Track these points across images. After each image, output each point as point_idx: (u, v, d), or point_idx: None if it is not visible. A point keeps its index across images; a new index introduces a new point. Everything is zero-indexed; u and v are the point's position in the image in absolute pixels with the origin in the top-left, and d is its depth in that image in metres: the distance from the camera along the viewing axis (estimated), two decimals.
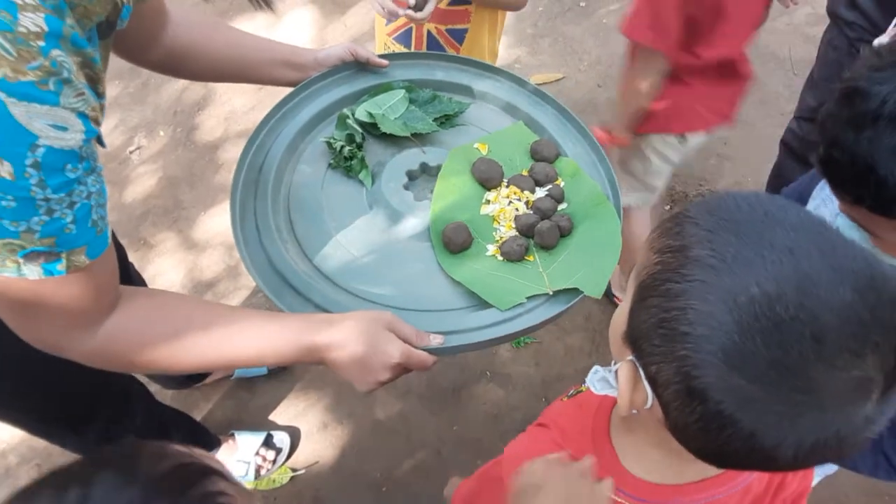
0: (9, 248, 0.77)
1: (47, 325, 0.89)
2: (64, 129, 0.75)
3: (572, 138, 1.55)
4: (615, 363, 0.79)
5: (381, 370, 1.08)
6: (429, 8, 1.76)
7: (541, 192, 1.42)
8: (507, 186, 1.42)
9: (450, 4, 1.93)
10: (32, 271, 0.80)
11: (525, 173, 1.44)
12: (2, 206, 0.73)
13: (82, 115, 0.78)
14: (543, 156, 1.46)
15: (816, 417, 0.61)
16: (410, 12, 1.77)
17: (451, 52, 2.10)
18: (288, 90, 1.50)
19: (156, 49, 1.29)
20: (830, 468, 1.43)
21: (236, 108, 3.16)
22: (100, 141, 0.87)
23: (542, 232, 1.31)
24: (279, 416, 2.29)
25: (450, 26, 1.95)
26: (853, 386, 0.60)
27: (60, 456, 2.07)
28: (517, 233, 1.35)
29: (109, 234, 0.90)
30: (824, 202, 1.16)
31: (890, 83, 0.82)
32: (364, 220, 1.37)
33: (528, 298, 1.25)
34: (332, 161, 1.43)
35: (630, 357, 0.74)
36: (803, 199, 1.23)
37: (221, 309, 1.07)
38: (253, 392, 2.32)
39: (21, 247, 0.77)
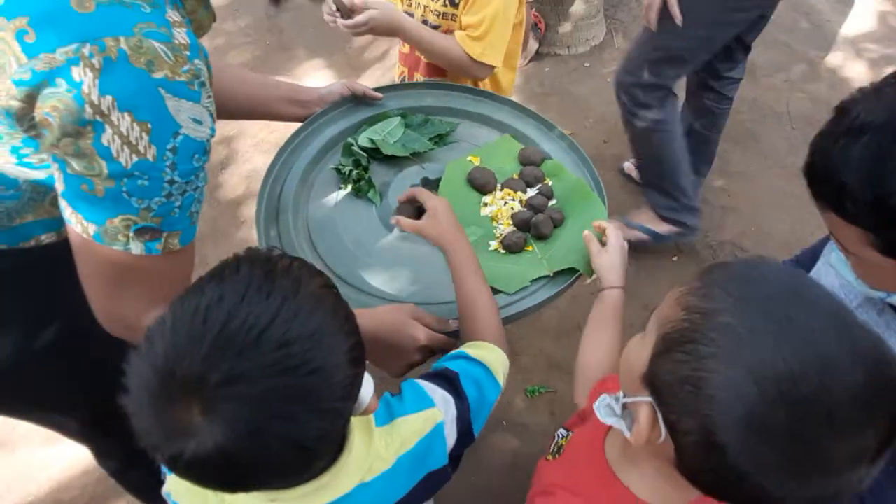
0: (125, 224, 0.90)
1: (132, 300, 1.00)
2: (200, 122, 0.91)
3: (554, 144, 1.69)
4: (623, 394, 0.85)
5: (412, 352, 1.21)
6: (359, 19, 1.70)
7: (532, 192, 1.55)
8: (502, 189, 1.55)
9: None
10: (137, 247, 0.93)
11: (516, 177, 1.58)
12: (137, 184, 0.88)
13: (210, 115, 0.93)
14: (531, 160, 1.60)
15: (822, 480, 0.68)
16: (340, 20, 1.74)
17: None
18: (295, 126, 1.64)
19: None
20: None
21: (257, 166, 3.22)
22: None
23: (538, 224, 1.45)
24: None
25: (432, 79, 2.02)
26: (852, 454, 0.67)
27: None
28: (515, 228, 1.48)
29: (196, 229, 1.03)
30: (830, 245, 1.23)
31: (863, 103, 0.91)
32: (378, 232, 1.49)
33: (532, 282, 1.38)
34: (342, 184, 1.57)
35: (649, 399, 0.78)
36: (815, 256, 1.30)
37: None
38: None
39: (135, 222, 0.91)
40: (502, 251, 1.44)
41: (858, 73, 3.79)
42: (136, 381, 0.71)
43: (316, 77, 3.77)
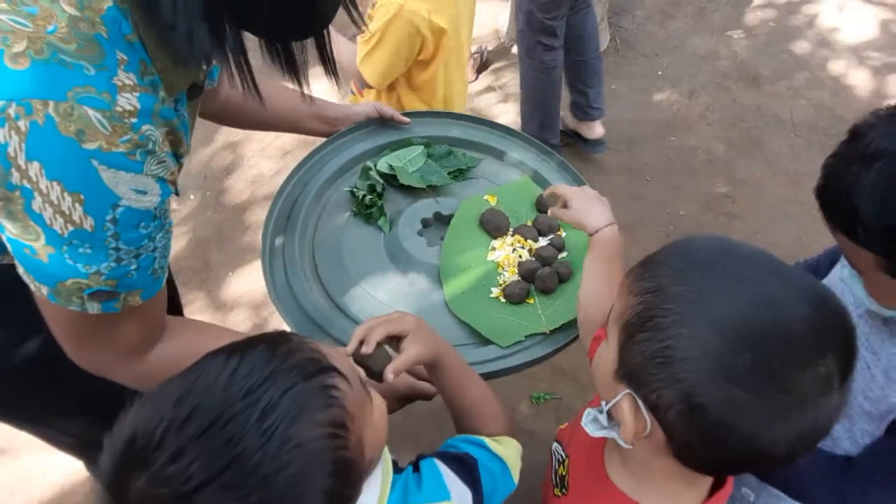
0: (76, 287, 0.85)
1: (101, 353, 0.97)
2: (143, 192, 0.84)
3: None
4: (605, 403, 0.84)
5: (390, 401, 1.13)
6: None
7: (543, 241, 1.48)
8: (513, 235, 1.48)
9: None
10: (93, 307, 0.88)
11: (529, 223, 1.50)
12: (79, 252, 0.82)
13: (161, 181, 0.87)
14: (547, 208, 1.50)
15: (799, 412, 0.70)
16: None
17: None
18: (319, 143, 1.60)
19: (214, 101, 1.40)
20: None
21: (263, 171, 3.19)
22: (176, 192, 0.95)
23: (543, 277, 1.38)
24: None
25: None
26: (821, 382, 0.70)
27: None
28: (520, 277, 1.41)
29: (164, 279, 0.98)
30: (842, 261, 1.21)
31: (879, 129, 0.90)
32: (381, 262, 1.44)
33: (527, 337, 1.32)
34: (354, 208, 1.51)
35: (626, 391, 0.78)
36: (833, 261, 1.29)
37: None
38: None
39: (87, 286, 0.85)
40: (503, 300, 1.38)
41: (860, 81, 3.76)
42: (109, 441, 0.68)
43: (320, 81, 3.72)
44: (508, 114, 3.56)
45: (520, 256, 1.45)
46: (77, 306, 0.87)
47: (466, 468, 1.00)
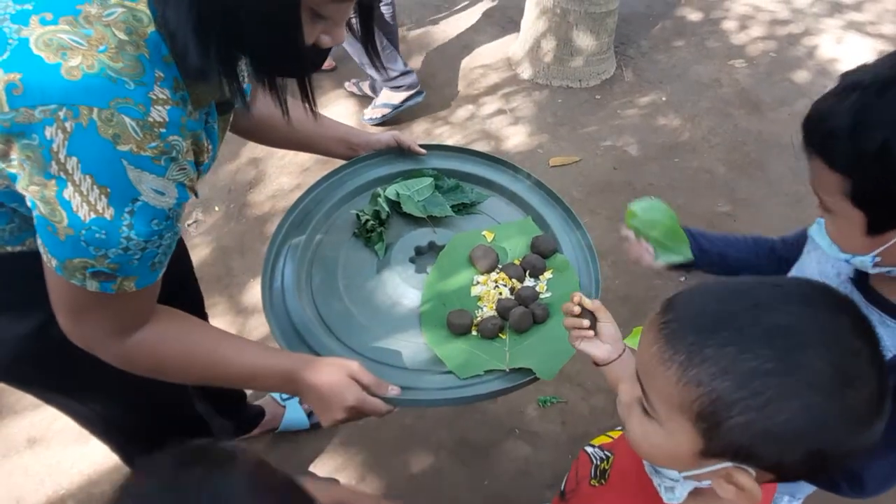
0: (82, 265, 0.92)
1: (88, 327, 1.03)
2: (162, 193, 0.91)
3: (572, 238, 1.52)
4: (680, 474, 0.83)
5: (338, 410, 1.17)
6: None
7: (529, 282, 1.41)
8: (498, 272, 1.42)
9: None
10: (92, 285, 0.94)
11: (517, 262, 1.43)
12: (95, 236, 0.89)
13: (180, 185, 0.93)
14: (541, 249, 1.45)
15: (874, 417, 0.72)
16: None
17: None
18: (335, 163, 1.60)
19: (247, 119, 1.44)
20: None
21: (282, 186, 3.20)
22: (196, 195, 1.01)
23: (517, 316, 1.31)
24: (319, 468, 2.20)
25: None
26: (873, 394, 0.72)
27: None
28: (496, 313, 1.35)
29: (161, 274, 1.02)
30: (810, 234, 1.19)
31: (860, 68, 0.92)
32: (369, 282, 1.41)
33: (486, 372, 1.26)
34: (356, 230, 1.49)
35: (730, 465, 0.76)
36: (799, 247, 1.28)
37: (228, 336, 1.19)
38: (295, 445, 2.25)
39: (92, 265, 0.92)
40: (475, 333, 1.32)
41: None
42: None
43: (340, 104, 3.69)
44: (518, 135, 3.50)
45: (500, 293, 1.39)
46: (78, 281, 0.94)
47: None
